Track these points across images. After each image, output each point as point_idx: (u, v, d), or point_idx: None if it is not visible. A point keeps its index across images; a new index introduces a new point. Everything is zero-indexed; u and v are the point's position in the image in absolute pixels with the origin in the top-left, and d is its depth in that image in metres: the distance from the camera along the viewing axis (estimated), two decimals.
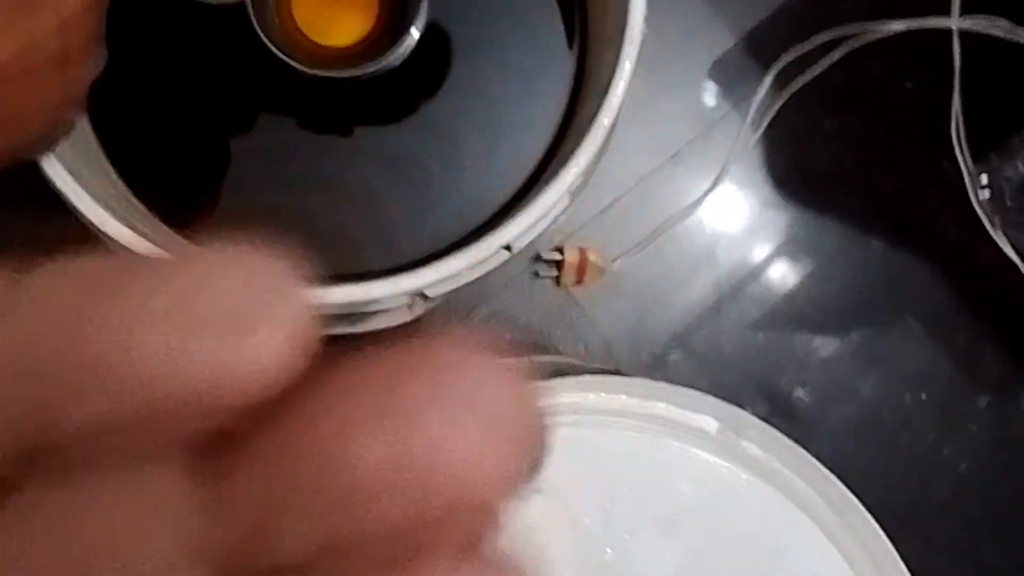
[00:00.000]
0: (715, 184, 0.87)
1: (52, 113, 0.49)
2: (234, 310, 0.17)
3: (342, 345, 0.73)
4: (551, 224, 0.63)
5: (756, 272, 0.87)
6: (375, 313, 0.71)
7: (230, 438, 0.18)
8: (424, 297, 0.61)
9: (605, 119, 0.60)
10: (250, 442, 0.18)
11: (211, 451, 0.18)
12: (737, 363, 0.86)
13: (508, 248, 0.60)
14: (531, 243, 0.85)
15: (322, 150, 0.67)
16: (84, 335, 0.16)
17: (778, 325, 0.87)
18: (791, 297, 0.87)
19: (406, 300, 0.62)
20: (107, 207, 0.55)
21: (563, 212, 0.65)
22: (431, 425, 0.18)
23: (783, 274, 0.88)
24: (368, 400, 0.18)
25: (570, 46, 0.70)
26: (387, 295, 0.57)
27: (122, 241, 0.54)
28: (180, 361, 0.17)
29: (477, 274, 0.62)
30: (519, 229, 0.59)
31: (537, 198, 0.59)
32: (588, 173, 0.64)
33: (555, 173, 0.60)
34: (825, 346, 0.87)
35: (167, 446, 0.18)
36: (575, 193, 0.65)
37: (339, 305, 0.57)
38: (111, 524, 0.18)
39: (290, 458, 0.18)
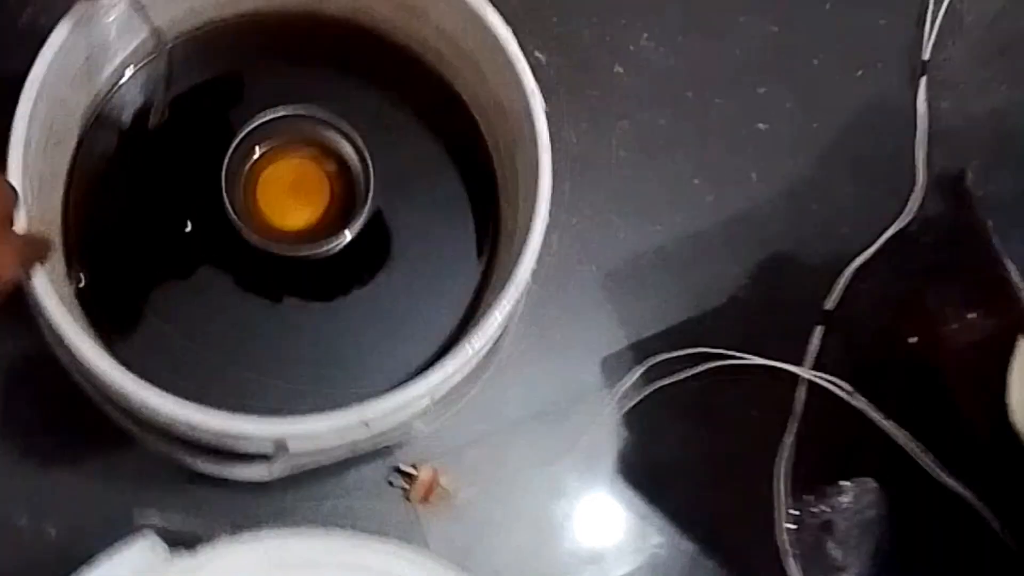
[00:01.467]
0: (569, 449, 0.96)
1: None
2: None
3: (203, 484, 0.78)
4: (416, 419, 0.71)
5: (580, 540, 0.95)
6: (240, 459, 0.77)
7: None
8: (285, 449, 0.68)
9: (475, 343, 0.69)
10: None
11: None
12: None
13: (367, 424, 0.68)
14: (392, 451, 0.93)
15: (256, 307, 0.76)
16: None
17: None
18: (605, 567, 0.95)
19: (270, 448, 0.69)
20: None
21: (428, 419, 0.73)
22: None
23: (603, 545, 0.96)
24: None
25: (478, 282, 0.80)
26: (255, 434, 0.65)
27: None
28: None
29: (336, 441, 0.70)
30: (379, 410, 0.67)
31: (403, 389, 0.68)
32: (449, 383, 0.73)
33: (425, 376, 0.69)
34: None
35: None
36: (444, 401, 0.73)
37: (214, 432, 0.64)
38: None
39: None
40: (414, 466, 0.92)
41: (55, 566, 0.89)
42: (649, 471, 0.98)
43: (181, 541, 0.76)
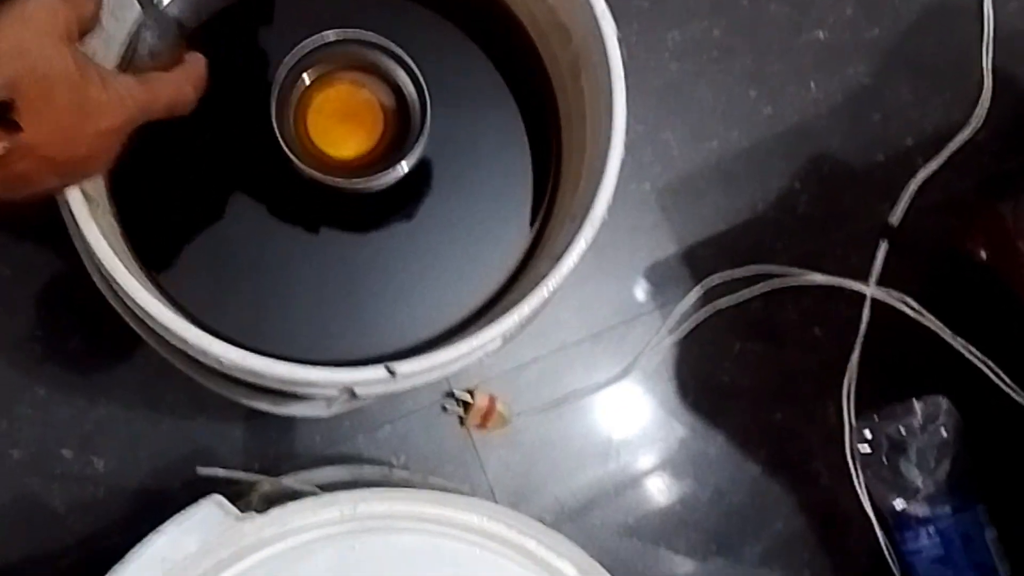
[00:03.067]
0: (626, 371, 0.94)
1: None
2: None
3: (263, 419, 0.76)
4: (478, 360, 0.68)
5: (641, 461, 0.93)
6: (299, 399, 0.75)
7: None
8: (352, 394, 0.65)
9: (551, 282, 0.66)
10: None
11: None
12: (605, 537, 0.91)
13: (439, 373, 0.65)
14: (446, 377, 0.90)
15: (301, 244, 0.72)
16: None
17: (651, 514, 0.93)
18: (667, 491, 0.93)
19: (335, 393, 0.66)
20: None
21: (492, 354, 0.70)
22: None
23: (665, 468, 0.94)
24: None
25: (534, 218, 0.76)
26: (323, 381, 0.62)
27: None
28: None
29: (404, 386, 0.67)
30: (452, 356, 0.64)
31: (475, 334, 0.64)
32: (524, 325, 0.70)
33: (497, 316, 0.66)
34: (684, 543, 0.93)
35: None
36: (508, 339, 0.70)
37: (279, 379, 0.61)
38: None
39: None
40: (470, 392, 0.90)
41: (103, 498, 0.88)
42: (709, 392, 0.95)
43: (242, 493, 0.75)
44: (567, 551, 0.61)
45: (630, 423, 0.94)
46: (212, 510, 0.59)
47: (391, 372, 0.61)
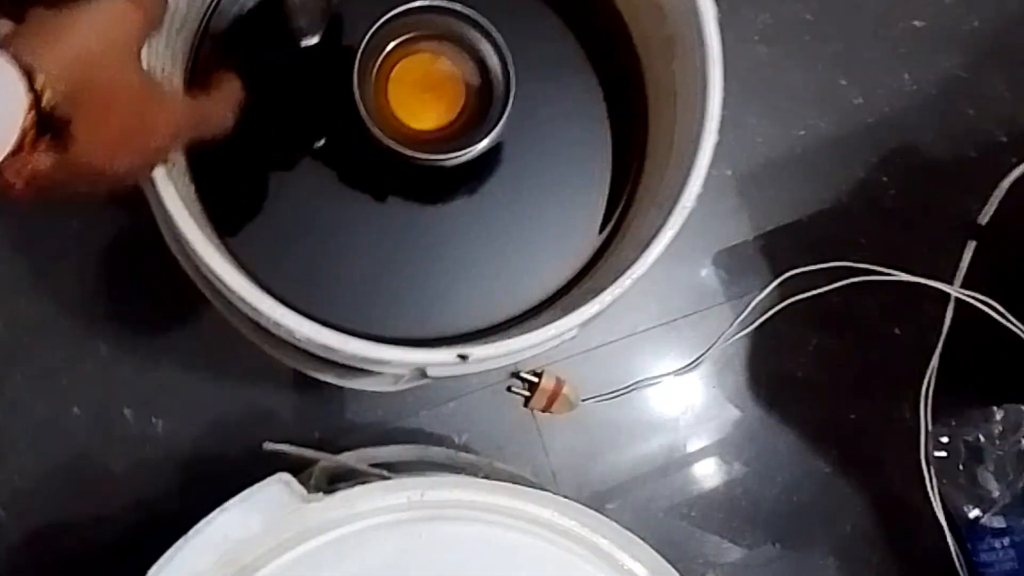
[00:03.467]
0: (697, 361, 0.91)
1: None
2: None
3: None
4: (552, 348, 0.66)
5: (708, 451, 0.91)
6: (366, 374, 0.73)
7: None
8: (423, 374, 0.64)
9: (636, 271, 0.63)
10: None
11: None
12: (664, 529, 0.89)
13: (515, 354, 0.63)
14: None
15: (372, 215, 0.70)
16: None
17: (712, 506, 0.90)
18: (731, 484, 0.91)
19: (406, 372, 0.64)
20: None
21: (567, 340, 0.68)
22: None
23: (731, 462, 0.91)
24: None
25: (614, 203, 0.74)
26: (397, 361, 0.60)
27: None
28: None
29: (475, 370, 0.65)
30: (528, 343, 0.62)
31: (553, 322, 0.62)
32: (602, 312, 0.68)
33: (574, 302, 0.63)
34: (745, 545, 0.91)
35: None
36: (584, 326, 0.68)
37: (351, 356, 0.60)
38: None
39: None
40: (537, 374, 0.88)
41: (160, 460, 0.87)
42: (781, 386, 0.93)
43: (304, 465, 0.73)
44: (640, 552, 0.59)
45: (698, 413, 0.92)
46: (279, 489, 0.57)
47: (463, 357, 0.60)
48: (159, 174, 0.57)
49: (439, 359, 0.60)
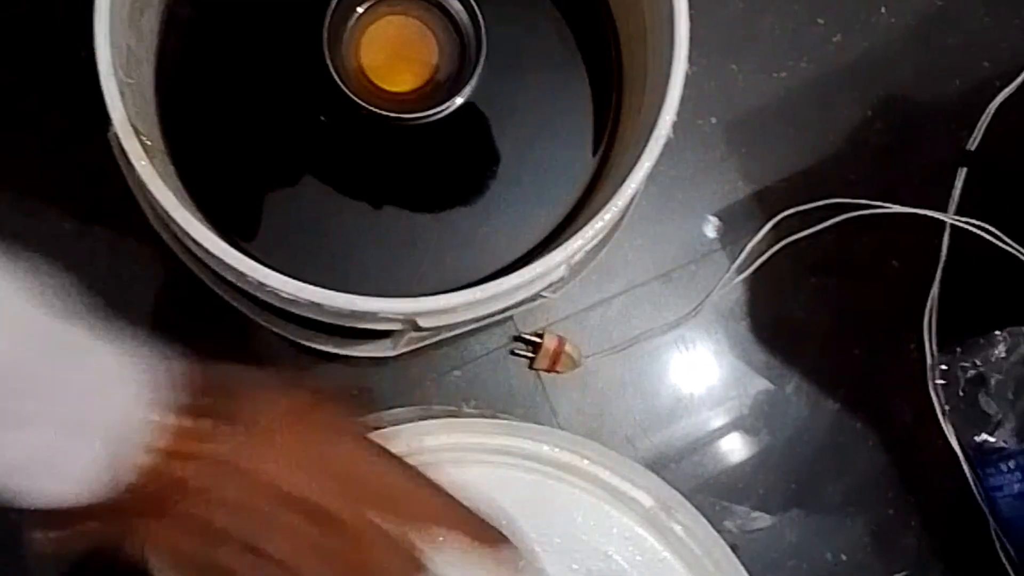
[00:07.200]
0: (696, 310, 0.92)
1: None
2: None
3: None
4: (545, 289, 0.66)
5: (714, 400, 0.91)
6: (363, 341, 0.73)
7: None
8: (416, 327, 0.64)
9: (618, 203, 0.63)
10: None
11: None
12: (679, 480, 0.89)
13: (504, 297, 0.63)
14: (512, 320, 0.89)
15: (359, 182, 0.71)
16: None
17: (724, 453, 0.90)
18: (743, 432, 0.91)
19: (399, 325, 0.65)
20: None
21: (559, 285, 0.68)
22: None
23: (739, 409, 0.91)
24: None
25: (596, 147, 0.74)
26: (385, 311, 0.60)
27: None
28: None
29: (468, 317, 0.65)
30: (516, 283, 0.62)
31: (539, 259, 0.63)
32: (590, 252, 0.68)
33: (562, 241, 0.64)
34: (763, 486, 0.91)
35: None
36: (574, 269, 0.68)
37: (339, 311, 0.60)
38: None
39: None
40: (538, 334, 0.88)
41: None
42: (783, 330, 0.93)
43: None
44: (643, 480, 0.59)
45: (702, 363, 0.92)
46: None
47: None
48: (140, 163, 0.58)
49: (429, 306, 0.60)
